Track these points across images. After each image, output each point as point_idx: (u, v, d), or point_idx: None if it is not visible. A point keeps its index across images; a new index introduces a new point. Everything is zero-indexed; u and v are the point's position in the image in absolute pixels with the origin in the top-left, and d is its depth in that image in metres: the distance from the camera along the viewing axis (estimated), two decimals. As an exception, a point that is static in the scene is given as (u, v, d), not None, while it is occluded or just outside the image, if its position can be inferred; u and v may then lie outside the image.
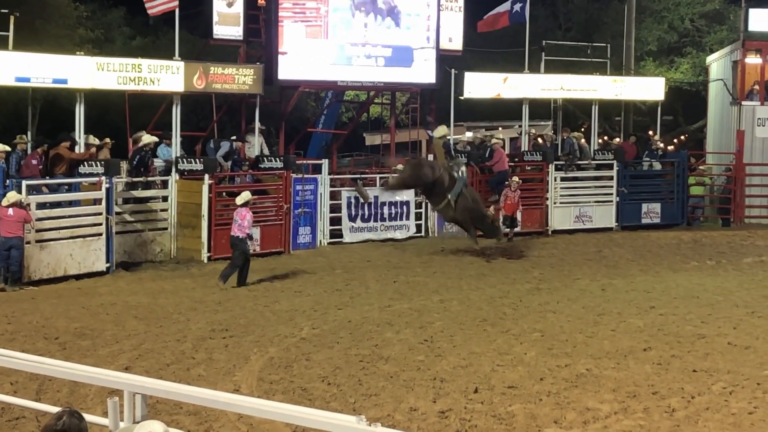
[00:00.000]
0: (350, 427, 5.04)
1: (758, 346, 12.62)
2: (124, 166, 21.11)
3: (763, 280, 18.52)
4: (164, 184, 21.62)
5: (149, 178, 21.43)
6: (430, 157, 23.79)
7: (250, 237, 18.43)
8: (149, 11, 21.90)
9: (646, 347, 12.60)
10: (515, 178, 24.87)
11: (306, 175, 23.40)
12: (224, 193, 21.66)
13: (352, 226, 23.87)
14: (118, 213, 20.25)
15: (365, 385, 10.87)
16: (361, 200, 23.59)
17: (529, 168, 26.84)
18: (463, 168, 22.52)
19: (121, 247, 20.23)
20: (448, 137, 24.41)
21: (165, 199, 21.55)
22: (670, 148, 37.39)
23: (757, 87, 29.23)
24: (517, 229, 24.87)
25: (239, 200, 18.46)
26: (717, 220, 29.51)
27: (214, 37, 23.14)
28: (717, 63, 32.43)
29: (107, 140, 21.32)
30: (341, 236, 23.67)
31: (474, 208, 21.73)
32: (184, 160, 21.73)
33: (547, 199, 26.12)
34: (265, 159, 22.91)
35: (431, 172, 21.42)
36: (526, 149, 27.21)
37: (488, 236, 22.33)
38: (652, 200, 27.76)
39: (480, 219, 21.93)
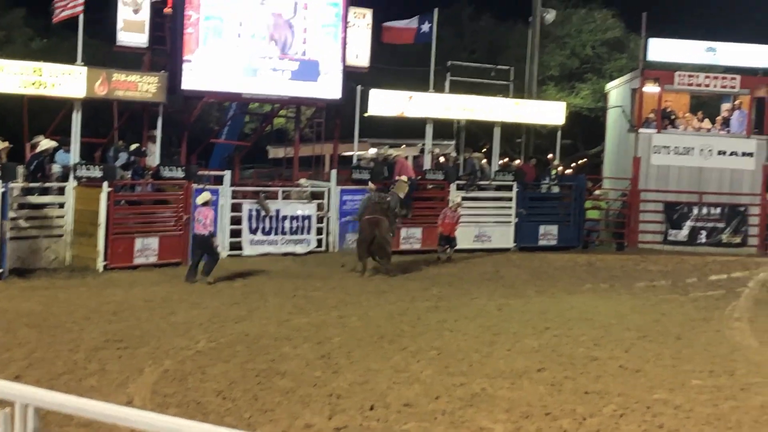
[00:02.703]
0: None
1: (649, 370, 12.87)
2: (20, 170, 20.69)
3: (655, 304, 18.92)
4: (61, 191, 21.24)
5: (46, 184, 21.04)
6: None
7: (213, 235, 19.49)
8: (54, 18, 21.57)
9: (540, 368, 12.75)
10: (456, 199, 25.04)
11: (207, 186, 23.21)
12: (123, 201, 21.38)
13: (253, 239, 23.76)
14: (12, 218, 19.82)
15: (261, 401, 10.81)
16: (263, 213, 23.53)
17: (430, 187, 27.04)
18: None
19: (14, 253, 19.76)
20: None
21: (62, 205, 21.16)
22: (569, 171, 38.11)
23: (653, 115, 29.90)
24: (418, 247, 25.02)
25: (200, 200, 19.65)
26: (611, 244, 30.09)
27: (119, 43, 22.88)
28: (616, 90, 33.12)
29: (5, 143, 20.88)
30: (241, 248, 23.52)
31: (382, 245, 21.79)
32: (83, 166, 21.39)
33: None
34: (166, 168, 22.66)
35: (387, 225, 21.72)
36: (429, 168, 27.41)
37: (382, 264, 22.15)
38: (549, 222, 28.21)
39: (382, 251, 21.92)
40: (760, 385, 12.18)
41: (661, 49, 30.09)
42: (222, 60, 24.15)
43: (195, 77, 23.77)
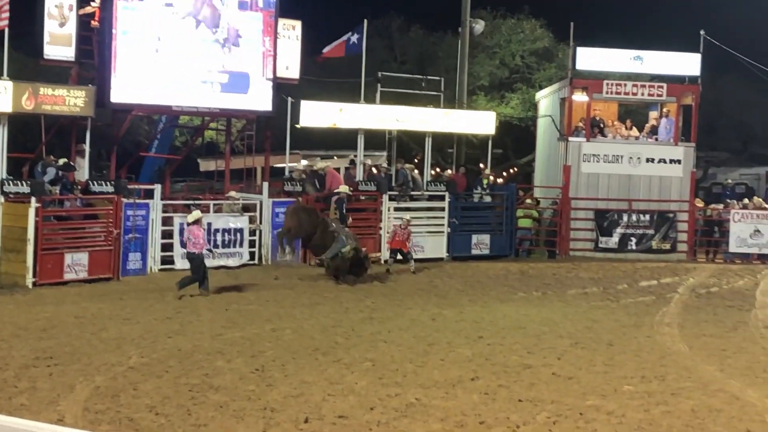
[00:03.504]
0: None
1: (581, 377, 12.98)
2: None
3: (587, 311, 19.10)
4: (-12, 207, 20.92)
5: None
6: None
7: (210, 250, 20.43)
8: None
9: (473, 377, 12.80)
10: (406, 217, 25.03)
11: (137, 200, 22.99)
12: (52, 217, 21.10)
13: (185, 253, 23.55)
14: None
15: (194, 415, 10.71)
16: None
17: (363, 198, 27.05)
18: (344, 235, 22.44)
19: (-59, 271, 19.46)
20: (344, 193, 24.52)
21: (-11, 222, 20.85)
22: (500, 181, 38.37)
23: (582, 124, 30.23)
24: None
25: (190, 219, 19.94)
26: (543, 252, 30.31)
27: (45, 57, 22.63)
28: (546, 99, 33.44)
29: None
30: (173, 262, 23.31)
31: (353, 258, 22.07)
32: (11, 182, 21.07)
33: (380, 228, 26.36)
34: (95, 183, 22.39)
35: (308, 218, 22.27)
36: (361, 179, 27.42)
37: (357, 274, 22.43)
38: (481, 232, 28.36)
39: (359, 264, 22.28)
40: (691, 389, 12.35)
41: (589, 58, 30.43)
42: (150, 73, 23.96)
43: (123, 90, 23.55)
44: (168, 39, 24.19)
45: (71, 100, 22.06)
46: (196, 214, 20.06)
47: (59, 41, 22.56)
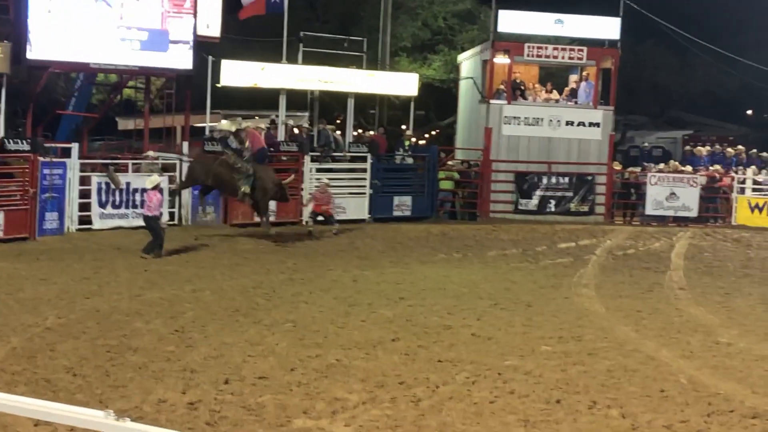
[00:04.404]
0: (97, 422, 4.91)
1: (500, 337, 13.13)
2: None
3: (506, 273, 19.30)
4: None
5: None
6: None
7: (160, 215, 20.15)
8: None
9: (394, 338, 12.87)
10: (324, 180, 24.90)
11: (54, 159, 22.61)
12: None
13: (103, 213, 23.28)
14: None
15: (112, 377, 10.62)
16: (113, 186, 23.06)
17: (284, 158, 26.92)
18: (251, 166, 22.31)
19: None
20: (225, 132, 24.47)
21: None
22: (422, 142, 38.44)
23: (503, 86, 30.38)
24: (272, 219, 24.85)
25: (148, 184, 20.02)
26: (464, 214, 30.50)
27: (-41, 12, 22.07)
28: (468, 61, 33.51)
29: None
30: (91, 222, 23.02)
31: (269, 188, 22.22)
32: None
33: (302, 189, 26.28)
34: (11, 141, 21.96)
35: (203, 169, 22.16)
36: (283, 140, 27.29)
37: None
38: (403, 193, 28.44)
39: (276, 193, 22.55)
40: (607, 350, 12.56)
41: (511, 21, 30.52)
42: (68, 29, 23.50)
43: (40, 47, 23.08)
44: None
45: (-14, 56, 21.58)
46: (155, 179, 20.22)
47: (-27, -4, 22.04)
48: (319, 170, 26.69)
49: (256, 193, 22.09)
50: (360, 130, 36.72)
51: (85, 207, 23.04)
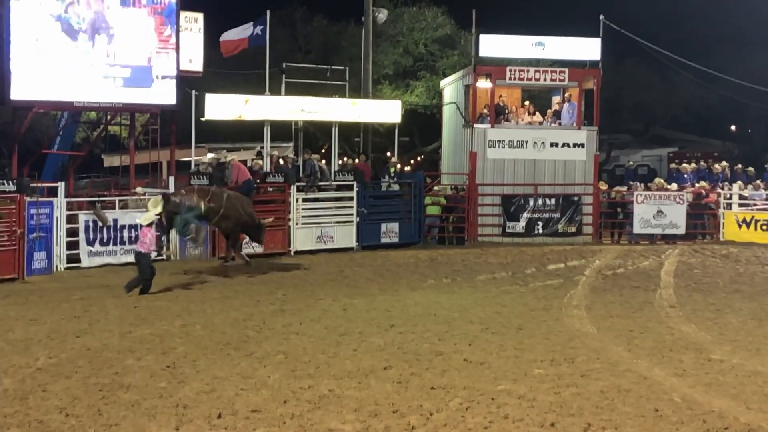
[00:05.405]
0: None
1: (492, 362, 13.11)
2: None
3: (496, 296, 19.29)
4: None
5: None
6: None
7: (156, 249, 20.04)
8: None
9: (386, 366, 12.84)
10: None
11: (41, 198, 22.59)
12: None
13: (91, 250, 23.23)
14: None
15: (105, 415, 10.58)
16: (100, 223, 23.02)
17: (271, 189, 26.94)
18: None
19: None
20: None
21: None
22: (407, 169, 38.53)
23: (487, 110, 30.47)
24: (260, 251, 24.86)
25: (144, 221, 19.54)
26: (452, 239, 30.50)
27: (-60, 53, 22.08)
28: (450, 87, 33.65)
29: None
30: (79, 261, 22.98)
31: (241, 219, 21.94)
32: None
33: (289, 220, 26.30)
34: (-4, 182, 21.94)
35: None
36: (268, 171, 27.31)
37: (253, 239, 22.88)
38: (390, 220, 28.46)
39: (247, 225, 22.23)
40: (599, 371, 12.55)
41: (491, 45, 30.63)
42: (51, 69, 23.54)
43: (24, 87, 23.11)
44: (70, 35, 23.79)
45: (-32, 97, 21.60)
46: (150, 215, 19.85)
47: (-46, 38, 22.07)
48: (305, 200, 26.70)
49: (226, 223, 21.94)
50: (345, 158, 36.79)
51: (73, 245, 23.00)
